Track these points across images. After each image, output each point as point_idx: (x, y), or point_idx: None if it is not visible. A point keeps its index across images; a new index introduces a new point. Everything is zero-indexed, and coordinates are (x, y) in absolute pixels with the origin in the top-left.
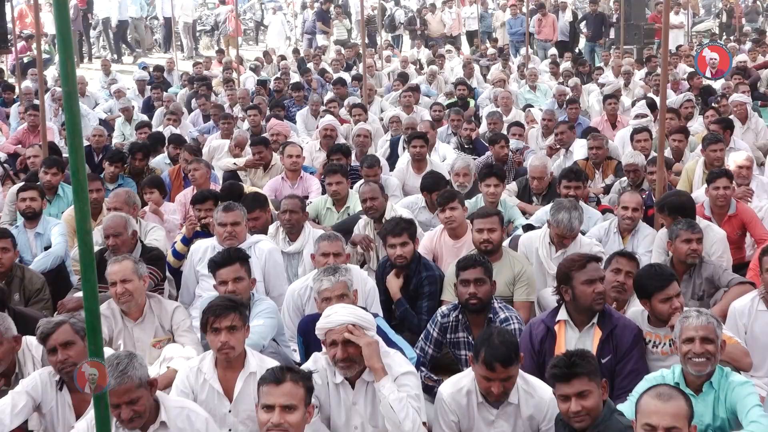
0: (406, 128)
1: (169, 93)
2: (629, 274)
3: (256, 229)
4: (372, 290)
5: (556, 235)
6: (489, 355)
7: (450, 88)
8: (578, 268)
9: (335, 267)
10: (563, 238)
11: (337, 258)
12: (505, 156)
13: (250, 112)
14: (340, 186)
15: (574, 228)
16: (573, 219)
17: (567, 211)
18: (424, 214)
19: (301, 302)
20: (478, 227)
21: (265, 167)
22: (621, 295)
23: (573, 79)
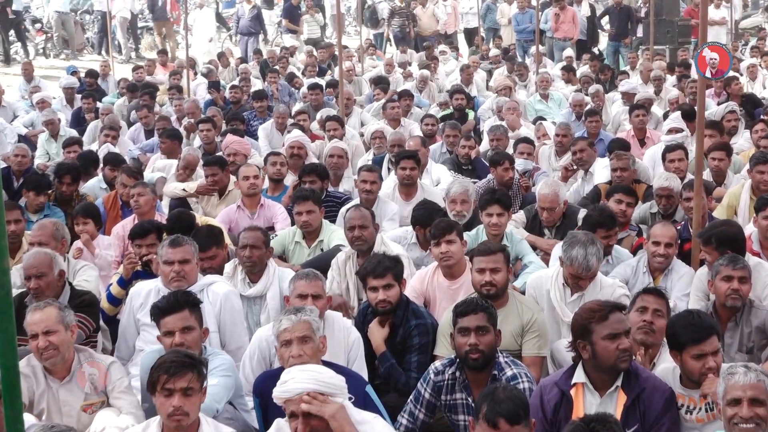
0: (392, 146)
1: (105, 103)
2: (658, 312)
3: (210, 268)
4: (356, 343)
5: (571, 275)
6: (492, 411)
7: (444, 97)
8: (598, 319)
9: (299, 307)
10: (579, 279)
11: (317, 301)
12: (510, 179)
13: (202, 126)
14: (311, 216)
15: (591, 266)
16: (590, 255)
17: (582, 246)
18: (414, 251)
19: (270, 353)
20: (478, 266)
21: (220, 193)
22: (649, 337)
23: (593, 86)
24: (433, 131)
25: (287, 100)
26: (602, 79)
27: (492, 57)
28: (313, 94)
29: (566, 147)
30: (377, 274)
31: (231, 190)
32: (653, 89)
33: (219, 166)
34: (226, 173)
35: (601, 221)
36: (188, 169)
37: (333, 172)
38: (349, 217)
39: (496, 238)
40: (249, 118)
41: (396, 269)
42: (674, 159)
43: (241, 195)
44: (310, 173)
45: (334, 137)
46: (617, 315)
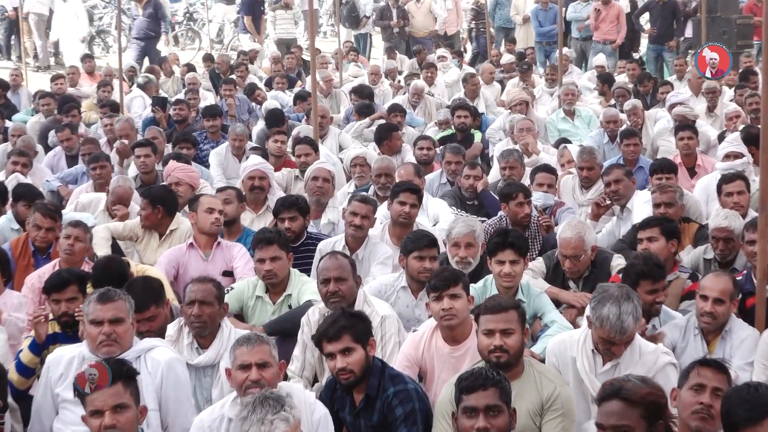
0: (378, 175)
1: (15, 121)
2: (718, 392)
3: (150, 331)
4: (322, 423)
5: (602, 340)
6: None
7: (444, 115)
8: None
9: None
10: (611, 344)
11: (264, 371)
12: (526, 217)
13: (139, 150)
14: (276, 264)
15: (626, 328)
16: (624, 314)
17: (615, 303)
18: (404, 298)
19: None
20: (487, 327)
21: (160, 232)
22: (707, 424)
23: (631, 100)
24: (430, 157)
25: (246, 118)
26: (642, 91)
27: (504, 64)
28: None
29: (595, 177)
30: (331, 337)
31: (174, 228)
32: (706, 103)
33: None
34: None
35: (646, 272)
36: (119, 203)
37: (315, 199)
38: (324, 267)
39: (509, 292)
40: (199, 141)
41: (356, 329)
42: (733, 192)
43: (195, 232)
44: (289, 208)
45: (305, 163)
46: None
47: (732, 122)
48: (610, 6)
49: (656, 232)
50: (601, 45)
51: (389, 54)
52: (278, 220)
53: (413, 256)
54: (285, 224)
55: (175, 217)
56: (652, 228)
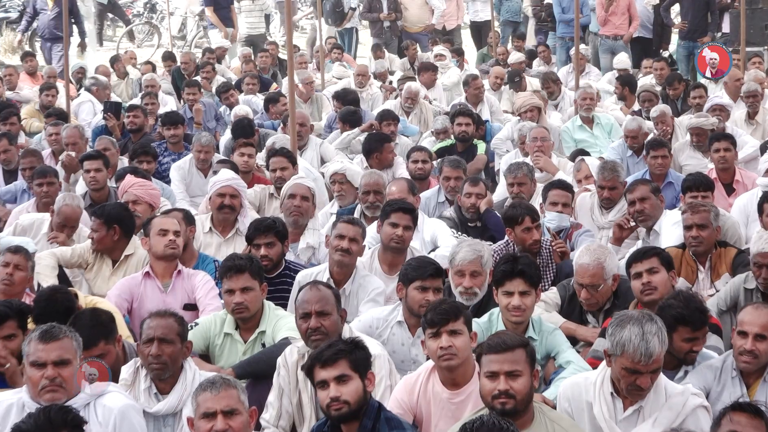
0: (366, 192)
1: None
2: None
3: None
4: None
5: (625, 372)
6: None
7: (442, 122)
8: None
9: None
10: (636, 375)
11: (231, 420)
12: (535, 245)
13: (88, 164)
14: (248, 295)
15: (653, 351)
16: (649, 334)
17: (637, 324)
18: (399, 335)
19: None
20: (491, 369)
21: (114, 258)
22: None
23: (658, 105)
24: (426, 171)
25: (213, 126)
26: (671, 95)
27: (513, 63)
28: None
29: (616, 195)
30: (325, 361)
31: (130, 254)
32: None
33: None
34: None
35: (687, 316)
36: (66, 226)
37: (292, 220)
38: (303, 299)
39: (518, 328)
40: (158, 153)
41: (354, 355)
42: None
43: (151, 259)
44: (265, 232)
45: (281, 178)
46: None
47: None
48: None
49: (656, 262)
50: (611, 41)
51: (376, 52)
52: (252, 246)
53: (415, 286)
54: (260, 251)
55: (131, 240)
56: (650, 258)
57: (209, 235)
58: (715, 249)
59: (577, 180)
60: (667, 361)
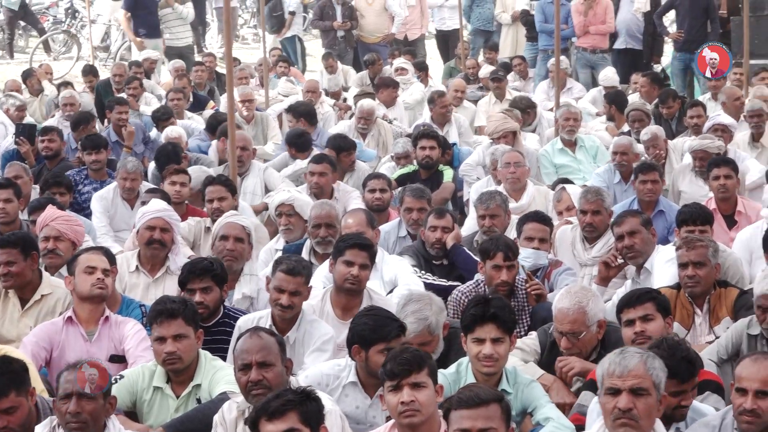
0: (317, 225)
1: None
2: None
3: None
4: None
5: (606, 400)
6: None
7: (404, 146)
8: None
9: None
10: (617, 398)
11: None
12: (503, 286)
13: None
14: (181, 343)
15: (628, 364)
16: (629, 352)
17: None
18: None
19: None
20: (461, 426)
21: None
22: None
23: (649, 127)
24: (384, 202)
25: (141, 150)
26: (665, 115)
27: (483, 78)
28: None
29: (600, 230)
30: (272, 413)
31: (48, 294)
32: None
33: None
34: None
35: (672, 367)
36: None
37: (226, 266)
38: (243, 349)
39: (491, 380)
40: (77, 181)
41: (305, 407)
42: None
43: (75, 302)
44: (201, 276)
45: (219, 210)
46: None
47: None
48: (598, 2)
49: (651, 308)
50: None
51: (328, 60)
52: (186, 291)
53: (378, 349)
54: (195, 297)
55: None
56: (645, 304)
57: (135, 274)
58: (714, 290)
59: (558, 211)
60: None
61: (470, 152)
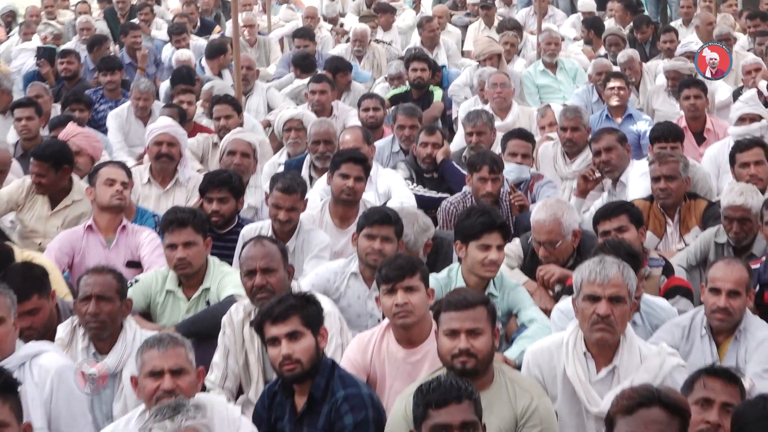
0: (316, 142)
1: None
2: (728, 408)
3: (30, 329)
4: None
5: (585, 305)
6: None
7: (397, 68)
8: (623, 411)
9: (176, 404)
10: (596, 304)
11: (179, 379)
12: (488, 196)
13: (20, 112)
14: (190, 250)
15: (608, 273)
16: (607, 261)
17: (594, 260)
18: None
19: None
20: (450, 326)
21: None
22: None
23: (625, 50)
24: (378, 119)
25: (153, 71)
26: (639, 39)
27: (471, 4)
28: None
29: (581, 143)
30: (276, 317)
31: (79, 200)
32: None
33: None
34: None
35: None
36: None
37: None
38: (248, 256)
39: (482, 284)
40: (94, 100)
41: (306, 311)
42: (749, 162)
43: (95, 212)
44: (220, 186)
45: (225, 128)
46: (652, 413)
47: (750, 77)
48: None
49: (625, 220)
50: None
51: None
52: (204, 199)
53: (364, 233)
54: (212, 205)
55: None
56: (619, 216)
57: (148, 186)
58: (685, 201)
59: (541, 126)
60: None
61: (458, 74)
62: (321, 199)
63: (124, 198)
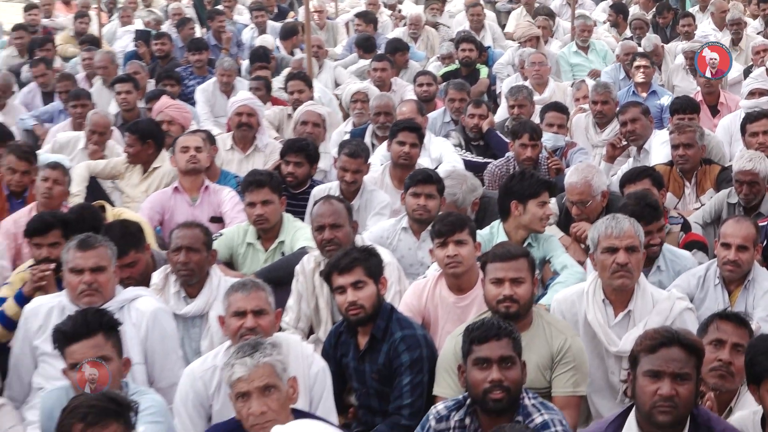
0: (377, 114)
1: None
2: (738, 348)
3: (129, 279)
4: (321, 377)
5: (604, 257)
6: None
7: (448, 48)
8: (646, 349)
9: (255, 342)
10: (615, 255)
11: (260, 318)
12: (528, 160)
13: (119, 86)
14: (267, 208)
15: (623, 226)
16: (619, 217)
17: (607, 218)
18: (406, 240)
19: (206, 393)
20: (495, 276)
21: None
22: (726, 382)
23: (649, 35)
24: (431, 93)
25: (235, 51)
26: (661, 23)
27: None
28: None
29: (608, 116)
30: (342, 268)
31: (158, 167)
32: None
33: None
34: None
35: (638, 212)
36: (96, 133)
37: None
38: (318, 213)
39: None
40: (184, 77)
41: (369, 262)
42: (758, 131)
43: (179, 175)
44: (297, 152)
45: (298, 100)
46: (672, 352)
47: (759, 56)
48: None
49: (648, 183)
50: None
51: None
52: (282, 162)
53: (410, 192)
54: (289, 168)
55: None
56: (643, 180)
57: (230, 152)
58: (701, 166)
59: (576, 99)
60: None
61: (502, 54)
62: (381, 163)
63: (198, 161)
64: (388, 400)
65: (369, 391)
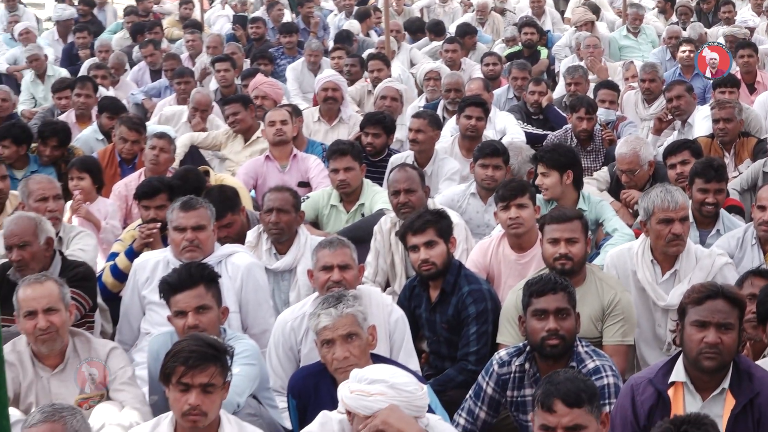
0: (448, 90)
1: (103, 38)
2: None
3: (228, 237)
4: (400, 325)
5: (659, 227)
6: (546, 393)
7: (511, 32)
8: (694, 302)
9: (339, 294)
10: (670, 225)
11: (345, 272)
12: (583, 133)
13: (218, 65)
14: (349, 174)
15: (677, 199)
16: (672, 189)
17: (659, 188)
18: (474, 204)
19: (295, 339)
20: (552, 236)
21: (246, 137)
22: (759, 332)
23: (693, 24)
24: (496, 72)
25: (321, 34)
26: (704, 10)
27: None
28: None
29: (655, 93)
30: (416, 229)
31: (256, 138)
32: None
33: (242, 103)
34: (251, 114)
35: (699, 171)
36: (199, 110)
37: None
38: (394, 179)
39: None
40: (276, 57)
41: (440, 224)
42: None
43: (270, 146)
44: (375, 124)
45: (378, 78)
46: (717, 304)
47: None
48: None
49: (687, 155)
50: None
51: None
52: (363, 133)
53: (478, 163)
54: (368, 138)
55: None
56: (683, 152)
57: (317, 123)
58: (739, 138)
59: (625, 78)
60: (700, 221)
61: (560, 37)
62: (451, 135)
63: (284, 134)
64: (457, 347)
65: (439, 339)
